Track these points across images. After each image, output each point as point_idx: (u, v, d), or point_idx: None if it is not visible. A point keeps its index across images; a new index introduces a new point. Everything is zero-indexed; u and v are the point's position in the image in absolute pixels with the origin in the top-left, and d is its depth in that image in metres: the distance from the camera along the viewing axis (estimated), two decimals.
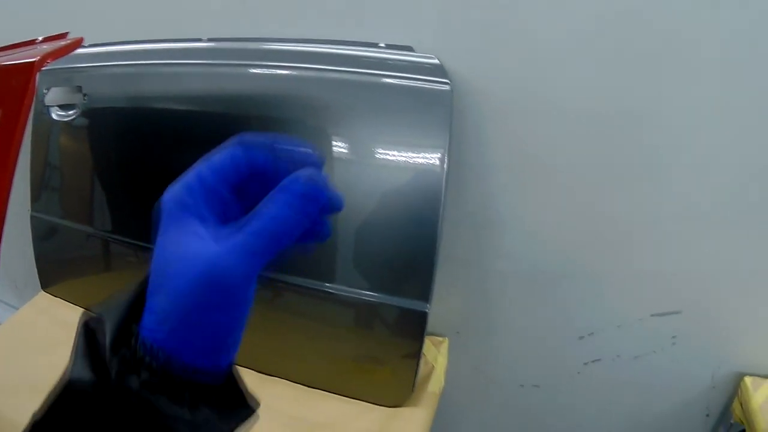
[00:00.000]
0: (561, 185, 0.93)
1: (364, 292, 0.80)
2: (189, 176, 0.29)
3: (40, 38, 0.49)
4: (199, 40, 0.88)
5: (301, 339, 0.89)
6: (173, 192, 0.29)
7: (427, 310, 0.77)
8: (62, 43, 0.43)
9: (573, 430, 1.18)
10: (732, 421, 1.11)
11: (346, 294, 0.80)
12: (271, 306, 0.86)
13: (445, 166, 0.76)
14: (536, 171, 0.92)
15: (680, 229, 0.94)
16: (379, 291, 0.79)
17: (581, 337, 1.05)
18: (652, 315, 1.03)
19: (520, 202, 0.96)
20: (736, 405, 1.09)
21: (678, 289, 1.02)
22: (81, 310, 1.00)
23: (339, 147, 0.81)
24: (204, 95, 0.88)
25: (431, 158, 0.77)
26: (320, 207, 0.29)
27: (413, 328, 0.78)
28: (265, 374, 0.89)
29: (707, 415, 1.16)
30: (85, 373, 0.28)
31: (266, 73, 0.85)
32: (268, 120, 0.86)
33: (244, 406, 0.31)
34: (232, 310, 0.29)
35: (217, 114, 0.88)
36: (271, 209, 0.28)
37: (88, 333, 0.30)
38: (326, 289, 0.82)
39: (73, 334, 0.30)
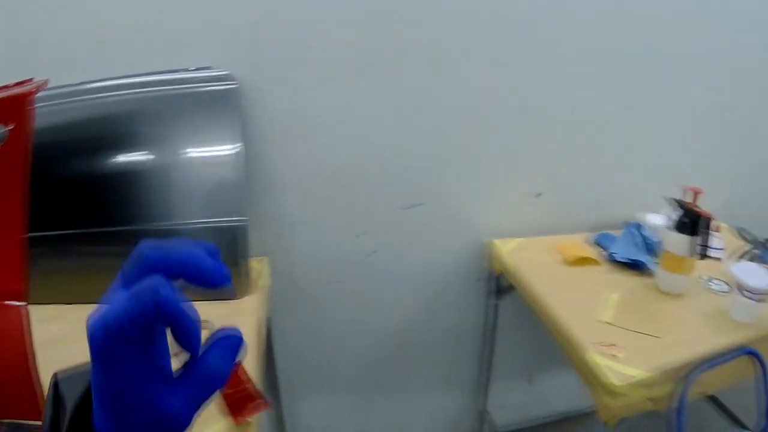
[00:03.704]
0: (321, 129, 1.29)
1: (205, 220, 1.18)
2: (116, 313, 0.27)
3: (12, 83, 0.61)
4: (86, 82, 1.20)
5: None
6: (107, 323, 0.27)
7: (246, 223, 1.18)
8: (36, 83, 0.58)
9: (372, 310, 1.51)
10: (495, 275, 1.45)
11: (194, 224, 1.18)
12: None
13: (240, 135, 1.20)
14: (305, 128, 1.29)
15: (411, 143, 1.30)
16: (214, 217, 1.19)
17: (357, 236, 1.40)
18: (403, 209, 1.37)
19: (295, 153, 1.31)
20: (495, 263, 1.43)
21: (417, 186, 1.35)
22: None
23: (170, 136, 1.20)
24: (78, 121, 1.19)
25: (231, 131, 1.20)
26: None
27: (241, 236, 1.18)
28: None
29: (478, 280, 1.50)
30: None
31: (116, 99, 1.20)
32: (118, 135, 1.20)
33: None
34: None
35: (90, 135, 1.20)
36: (213, 364, 0.30)
37: (57, 398, 0.31)
38: (176, 226, 1.18)
39: None
